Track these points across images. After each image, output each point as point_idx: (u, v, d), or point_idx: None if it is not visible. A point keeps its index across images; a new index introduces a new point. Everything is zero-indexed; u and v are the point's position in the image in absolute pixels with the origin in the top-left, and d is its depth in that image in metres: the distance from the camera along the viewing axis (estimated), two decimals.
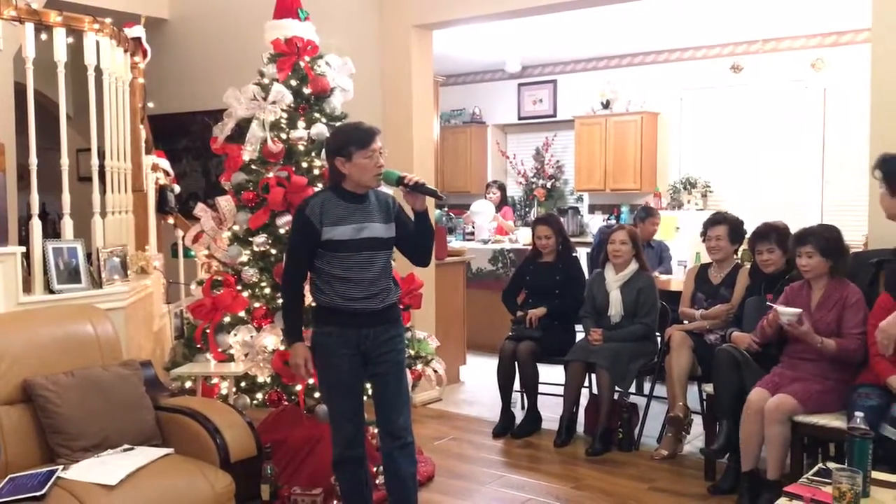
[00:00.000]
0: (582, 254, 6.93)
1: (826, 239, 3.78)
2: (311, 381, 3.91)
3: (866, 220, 4.20)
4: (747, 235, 4.66)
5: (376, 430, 3.44)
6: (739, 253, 4.92)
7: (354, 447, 3.28)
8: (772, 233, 4.26)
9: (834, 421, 3.57)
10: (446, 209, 9.00)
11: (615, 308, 4.91)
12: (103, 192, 4.31)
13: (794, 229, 4.07)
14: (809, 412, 3.64)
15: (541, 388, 5.11)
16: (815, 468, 2.93)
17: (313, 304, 3.37)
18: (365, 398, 3.38)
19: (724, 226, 4.63)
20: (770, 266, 4.23)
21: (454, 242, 7.93)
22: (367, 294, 3.16)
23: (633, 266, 4.95)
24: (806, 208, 7.84)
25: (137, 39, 4.84)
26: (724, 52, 8.39)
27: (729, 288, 4.59)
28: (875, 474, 2.74)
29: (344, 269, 3.15)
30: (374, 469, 3.77)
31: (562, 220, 5.77)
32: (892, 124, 4.02)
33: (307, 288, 3.35)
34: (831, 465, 2.88)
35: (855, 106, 7.20)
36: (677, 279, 5.95)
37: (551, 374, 5.27)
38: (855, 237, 5.19)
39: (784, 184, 8.10)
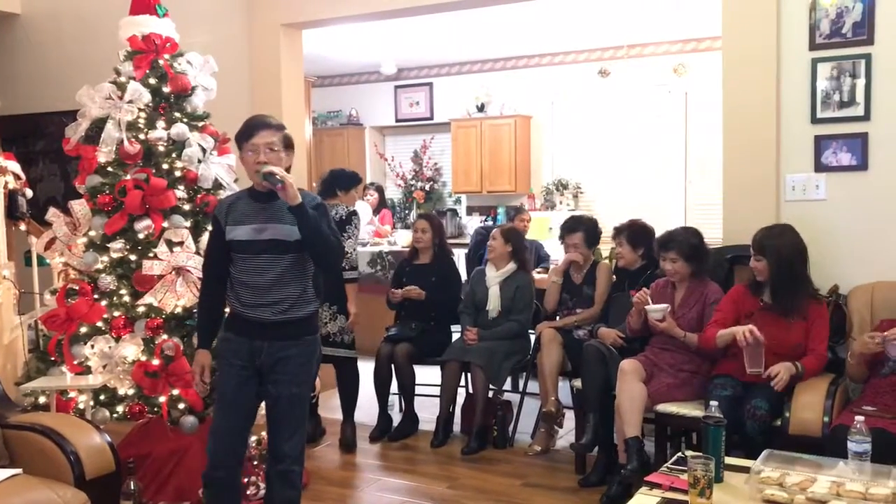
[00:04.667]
0: (460, 254, 6.98)
1: (689, 245, 3.96)
2: (175, 391, 3.78)
3: None
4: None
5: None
6: (608, 251, 5.07)
7: (219, 469, 3.07)
8: (624, 230, 4.46)
9: (693, 411, 3.71)
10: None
11: (493, 303, 4.97)
12: None
13: (659, 228, 4.24)
14: (656, 403, 3.81)
15: (418, 390, 5.11)
16: (675, 457, 3.04)
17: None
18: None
19: (580, 232, 4.74)
20: (620, 260, 4.44)
21: None
22: (260, 302, 2.96)
23: (513, 265, 5.02)
24: (671, 208, 8.18)
25: None
26: (593, 56, 8.65)
27: (591, 286, 4.71)
28: (729, 460, 2.85)
29: (243, 272, 2.99)
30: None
31: (442, 221, 5.78)
32: (742, 127, 4.25)
33: None
34: (689, 453, 2.99)
35: (714, 109, 7.48)
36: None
37: (428, 375, 5.28)
38: (714, 235, 5.41)
39: (651, 184, 8.42)
